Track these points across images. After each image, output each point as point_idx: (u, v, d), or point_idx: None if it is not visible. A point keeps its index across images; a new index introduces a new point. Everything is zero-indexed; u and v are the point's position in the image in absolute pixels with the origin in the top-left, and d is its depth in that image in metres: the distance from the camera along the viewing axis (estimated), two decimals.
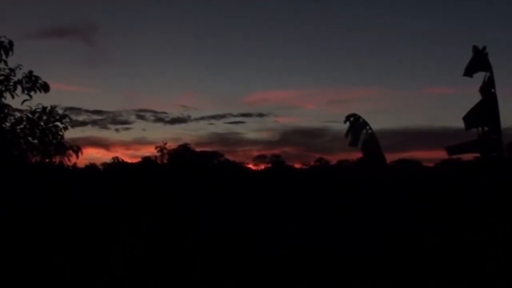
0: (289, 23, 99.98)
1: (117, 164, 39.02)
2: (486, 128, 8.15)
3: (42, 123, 9.66)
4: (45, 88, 9.46)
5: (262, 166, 57.79)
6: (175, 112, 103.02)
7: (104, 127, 74.15)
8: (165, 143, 39.87)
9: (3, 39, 8.66)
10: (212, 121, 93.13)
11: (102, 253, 10.65)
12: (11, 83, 9.16)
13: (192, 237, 13.11)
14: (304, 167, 56.98)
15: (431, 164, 47.95)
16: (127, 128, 76.33)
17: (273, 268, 9.53)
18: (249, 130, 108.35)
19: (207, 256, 10.60)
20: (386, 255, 9.45)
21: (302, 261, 10.01)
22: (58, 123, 10.15)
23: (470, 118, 8.19)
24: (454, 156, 10.03)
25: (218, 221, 15.86)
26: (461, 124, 8.34)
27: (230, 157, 51.73)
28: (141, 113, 78.38)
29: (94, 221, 15.37)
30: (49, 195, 13.20)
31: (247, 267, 9.70)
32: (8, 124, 9.31)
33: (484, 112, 8.09)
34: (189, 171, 32.45)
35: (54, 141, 9.80)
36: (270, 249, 11.27)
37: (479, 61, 8.19)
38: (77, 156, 11.11)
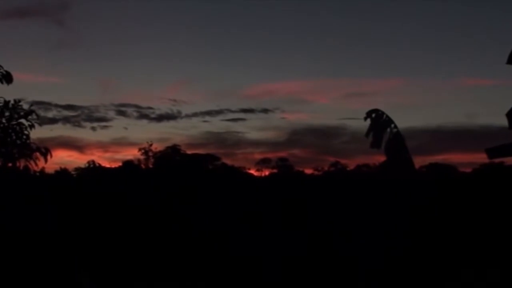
0: (298, 2, 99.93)
1: (93, 169, 39.09)
2: None
3: (4, 121, 9.73)
4: (8, 78, 9.51)
5: (267, 172, 58.01)
6: (162, 107, 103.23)
7: (77, 125, 74.10)
8: (151, 144, 39.98)
9: None
10: (207, 117, 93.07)
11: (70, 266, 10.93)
12: None
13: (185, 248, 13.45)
14: (316, 172, 57.15)
15: (468, 169, 48.02)
16: (105, 127, 76.29)
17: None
18: (251, 128, 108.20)
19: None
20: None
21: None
22: (23, 121, 10.20)
23: None
24: (496, 160, 10.03)
25: (217, 234, 15.95)
26: (504, 122, 8.34)
27: (228, 161, 51.96)
28: (122, 109, 78.47)
29: (66, 230, 15.61)
30: (16, 204, 13.31)
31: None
32: None
33: None
34: (179, 177, 32.51)
35: (18, 142, 9.85)
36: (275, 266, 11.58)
37: None
38: (46, 160, 11.18)
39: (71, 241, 14.39)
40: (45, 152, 10.17)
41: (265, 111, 79.02)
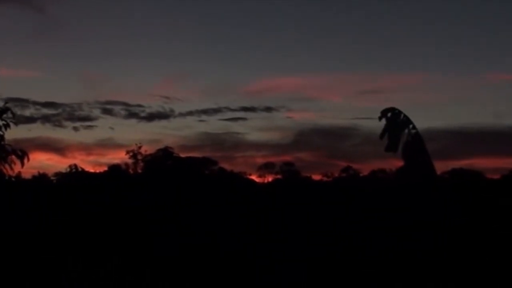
0: None
1: (75, 174, 39.20)
2: None
3: None
4: None
5: (270, 178, 57.99)
6: (153, 105, 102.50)
7: (58, 124, 74.03)
8: (140, 147, 40.21)
9: None
10: (203, 117, 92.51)
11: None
12: None
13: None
14: (325, 179, 57.08)
15: (496, 176, 47.95)
16: (89, 126, 76.28)
17: None
18: (253, 129, 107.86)
19: None
20: None
21: None
22: None
23: None
24: None
25: (215, 250, 16.07)
26: None
27: (226, 166, 51.86)
28: (108, 106, 78.39)
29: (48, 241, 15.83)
30: None
31: None
32: None
33: None
34: (171, 183, 32.56)
35: None
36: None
37: None
38: (22, 164, 11.22)
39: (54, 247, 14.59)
40: (22, 155, 10.20)
41: (268, 109, 78.96)
